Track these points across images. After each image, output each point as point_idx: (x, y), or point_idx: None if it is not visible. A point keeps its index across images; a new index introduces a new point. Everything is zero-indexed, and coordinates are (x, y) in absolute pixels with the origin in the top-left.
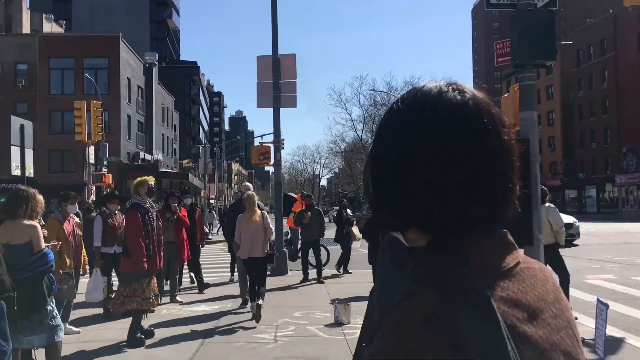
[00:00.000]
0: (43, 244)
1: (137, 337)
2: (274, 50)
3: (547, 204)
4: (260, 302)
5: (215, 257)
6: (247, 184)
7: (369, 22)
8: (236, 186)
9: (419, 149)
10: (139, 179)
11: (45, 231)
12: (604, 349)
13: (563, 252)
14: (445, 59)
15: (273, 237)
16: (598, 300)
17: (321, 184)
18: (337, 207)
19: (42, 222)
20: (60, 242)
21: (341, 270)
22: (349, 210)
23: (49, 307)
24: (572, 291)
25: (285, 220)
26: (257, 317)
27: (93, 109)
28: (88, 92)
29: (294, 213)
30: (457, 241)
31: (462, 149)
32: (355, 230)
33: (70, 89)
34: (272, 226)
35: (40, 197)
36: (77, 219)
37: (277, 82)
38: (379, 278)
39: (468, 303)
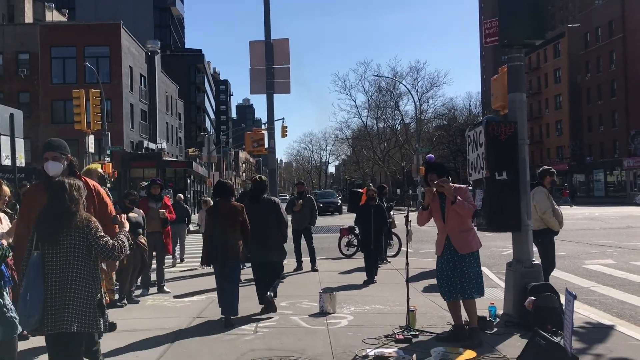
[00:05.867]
0: None
1: None
2: (267, 36)
3: (537, 188)
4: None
5: None
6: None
7: (373, 6)
8: (244, 174)
9: None
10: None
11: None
12: (571, 342)
13: (565, 236)
14: (452, 43)
15: None
16: (566, 290)
17: (329, 171)
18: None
19: (9, 211)
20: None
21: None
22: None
23: (1, 301)
24: (567, 276)
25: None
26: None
27: (92, 98)
28: (90, 81)
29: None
30: None
31: None
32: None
33: (72, 78)
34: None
35: (5, 188)
36: None
37: (270, 67)
38: None
39: None
